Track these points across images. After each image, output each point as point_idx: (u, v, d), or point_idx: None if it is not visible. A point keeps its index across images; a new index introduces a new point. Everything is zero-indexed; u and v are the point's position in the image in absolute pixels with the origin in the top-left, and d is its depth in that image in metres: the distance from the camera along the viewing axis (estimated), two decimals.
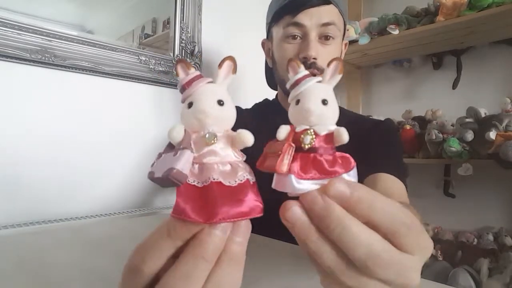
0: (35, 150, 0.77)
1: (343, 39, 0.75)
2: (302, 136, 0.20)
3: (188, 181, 0.19)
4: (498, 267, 1.11)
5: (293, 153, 0.20)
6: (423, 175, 1.49)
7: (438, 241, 1.32)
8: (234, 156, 0.21)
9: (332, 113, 0.21)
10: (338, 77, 0.22)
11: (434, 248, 1.23)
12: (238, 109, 0.83)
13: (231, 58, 0.21)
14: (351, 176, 0.21)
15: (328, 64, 0.22)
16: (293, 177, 0.20)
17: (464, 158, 1.18)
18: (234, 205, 0.19)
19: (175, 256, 0.19)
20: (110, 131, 0.91)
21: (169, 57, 1.02)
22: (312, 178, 0.20)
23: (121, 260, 0.22)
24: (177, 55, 1.03)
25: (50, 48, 0.77)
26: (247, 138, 0.20)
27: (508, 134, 1.08)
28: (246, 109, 0.84)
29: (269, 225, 0.40)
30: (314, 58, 0.66)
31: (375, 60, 1.65)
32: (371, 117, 0.89)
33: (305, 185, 0.20)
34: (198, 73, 0.21)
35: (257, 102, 0.87)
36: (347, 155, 0.22)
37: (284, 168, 0.20)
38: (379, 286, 0.21)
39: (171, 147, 0.20)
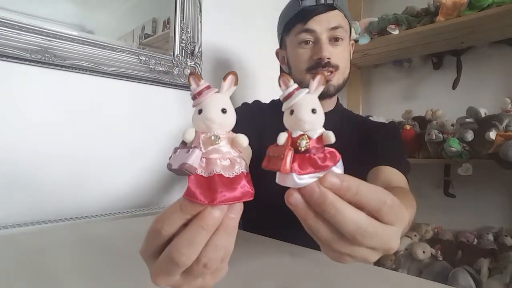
0: (35, 150, 0.77)
1: (350, 40, 0.82)
2: (298, 141, 0.25)
3: (197, 172, 0.24)
4: (498, 267, 1.11)
5: (292, 155, 0.25)
6: (423, 175, 1.49)
7: (438, 241, 1.32)
8: (233, 153, 0.26)
9: (320, 119, 0.26)
10: (322, 88, 0.27)
11: (434, 248, 1.24)
12: (259, 103, 0.89)
13: (234, 73, 0.26)
14: (339, 167, 0.26)
15: (313, 77, 0.26)
16: (294, 175, 0.25)
17: (464, 158, 1.18)
18: (230, 191, 0.24)
19: (185, 225, 0.25)
20: (109, 131, 0.91)
21: (169, 57, 1.02)
22: (309, 173, 0.25)
23: (121, 260, 0.22)
24: (177, 55, 1.03)
25: (50, 48, 0.77)
26: (242, 141, 0.25)
27: (508, 134, 1.08)
28: (266, 104, 0.90)
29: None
30: (328, 58, 0.73)
31: (375, 60, 1.65)
32: (371, 117, 0.92)
33: (305, 180, 0.25)
34: (207, 84, 0.26)
35: (274, 99, 0.91)
36: (334, 150, 0.26)
37: (287, 168, 0.25)
38: (366, 252, 0.27)
39: (184, 144, 0.26)
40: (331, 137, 0.26)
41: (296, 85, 0.26)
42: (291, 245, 0.58)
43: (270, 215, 0.73)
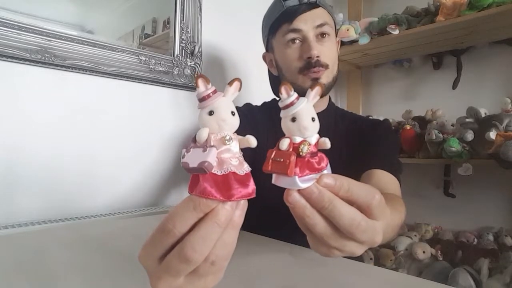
0: (35, 150, 0.77)
1: (336, 36, 0.81)
2: (301, 146, 0.27)
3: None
4: (498, 267, 1.11)
5: (295, 159, 0.27)
6: (423, 175, 1.49)
7: (438, 241, 1.32)
8: (240, 153, 0.27)
9: (318, 126, 0.28)
10: (318, 98, 0.29)
11: (434, 248, 1.24)
12: (249, 105, 0.87)
13: (239, 80, 0.28)
14: (328, 169, 0.29)
15: (312, 88, 0.29)
16: (297, 178, 0.27)
17: (464, 158, 1.18)
18: (244, 188, 0.26)
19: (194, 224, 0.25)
20: (109, 131, 0.91)
21: (169, 57, 1.02)
22: (307, 175, 0.27)
23: (122, 260, 0.22)
24: (177, 55, 1.03)
25: (50, 48, 0.77)
26: (252, 141, 0.27)
27: (508, 134, 1.08)
28: (257, 106, 0.89)
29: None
30: (317, 56, 0.73)
31: (375, 60, 1.65)
32: (370, 117, 0.92)
33: (306, 183, 0.27)
34: (214, 88, 0.27)
35: (266, 101, 0.90)
36: (323, 154, 0.29)
37: (293, 172, 0.26)
38: (354, 246, 0.30)
39: (194, 142, 0.26)
40: (327, 143, 0.29)
41: (296, 94, 0.28)
42: (291, 245, 0.58)
43: (269, 216, 0.73)
